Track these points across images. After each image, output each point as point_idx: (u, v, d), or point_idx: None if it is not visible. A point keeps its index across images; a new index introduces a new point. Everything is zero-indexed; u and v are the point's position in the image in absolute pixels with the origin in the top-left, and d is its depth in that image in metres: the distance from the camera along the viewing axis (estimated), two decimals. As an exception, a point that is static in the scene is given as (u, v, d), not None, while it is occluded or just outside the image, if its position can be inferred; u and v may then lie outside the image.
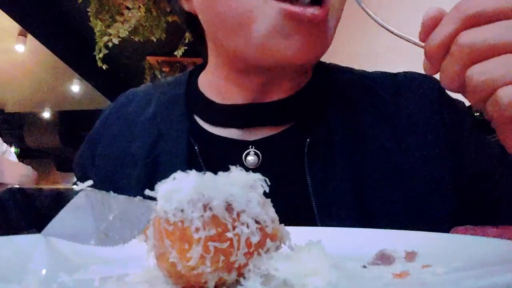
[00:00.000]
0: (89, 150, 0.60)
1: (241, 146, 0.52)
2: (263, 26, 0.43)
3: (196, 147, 0.52)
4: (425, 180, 0.50)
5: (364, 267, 0.31)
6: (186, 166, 0.51)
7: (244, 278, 0.24)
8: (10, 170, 0.39)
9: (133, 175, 0.53)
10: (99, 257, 0.35)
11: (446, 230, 0.44)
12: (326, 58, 0.58)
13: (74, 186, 0.29)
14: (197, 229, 0.23)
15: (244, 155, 0.52)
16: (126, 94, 0.64)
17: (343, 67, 0.62)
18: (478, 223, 0.41)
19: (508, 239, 0.30)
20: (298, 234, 0.28)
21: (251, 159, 0.52)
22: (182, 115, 0.55)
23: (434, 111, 0.53)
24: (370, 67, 0.66)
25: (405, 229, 0.45)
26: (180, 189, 0.24)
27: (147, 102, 0.59)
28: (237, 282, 0.24)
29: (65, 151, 7.92)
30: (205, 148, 0.52)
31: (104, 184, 0.55)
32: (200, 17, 0.50)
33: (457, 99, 0.55)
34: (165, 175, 0.55)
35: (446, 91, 0.50)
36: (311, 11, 0.41)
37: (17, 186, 0.33)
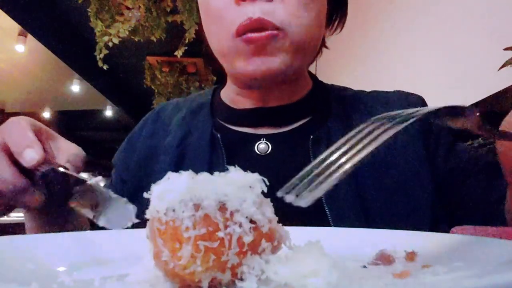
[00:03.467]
0: (130, 144, 0.72)
1: (254, 138, 0.64)
2: (234, 54, 0.57)
3: (218, 135, 0.63)
4: (407, 173, 0.58)
5: (364, 267, 0.31)
6: (209, 150, 0.62)
7: (241, 279, 0.24)
8: (64, 148, 0.43)
9: (166, 160, 0.64)
10: (99, 257, 0.35)
11: (446, 229, 0.44)
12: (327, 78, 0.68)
13: (89, 181, 0.33)
14: (187, 228, 0.23)
15: (256, 144, 0.63)
16: (161, 104, 0.79)
17: (342, 86, 0.74)
18: (453, 226, 0.41)
19: (508, 239, 0.30)
20: (297, 234, 0.28)
21: (262, 147, 0.62)
22: (207, 117, 0.68)
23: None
24: (369, 87, 0.74)
25: (394, 219, 0.53)
26: (173, 189, 0.24)
27: (178, 109, 0.73)
28: (234, 282, 0.24)
29: (65, 151, 7.89)
30: (225, 137, 0.63)
31: (143, 167, 0.67)
32: None
33: None
34: (192, 160, 0.62)
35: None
36: (254, 35, 0.53)
37: (61, 170, 0.37)
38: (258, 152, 0.62)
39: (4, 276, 0.27)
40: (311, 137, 0.60)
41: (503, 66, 1.23)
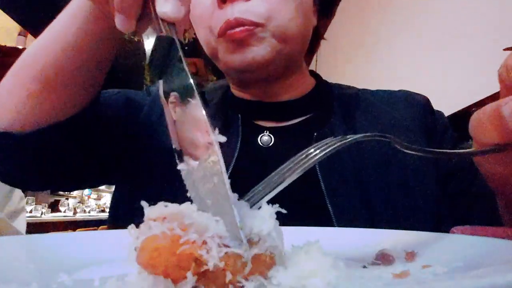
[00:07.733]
0: (136, 105, 0.71)
1: (258, 129, 0.64)
2: (221, 52, 0.58)
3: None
4: (411, 171, 0.58)
5: (364, 267, 0.31)
6: None
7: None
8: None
9: (169, 143, 0.64)
10: (99, 257, 0.35)
11: (446, 229, 0.44)
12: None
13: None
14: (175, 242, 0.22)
15: (259, 136, 0.63)
16: None
17: (346, 85, 0.74)
18: (457, 222, 0.41)
19: (509, 239, 0.30)
20: (297, 234, 0.28)
21: (265, 139, 0.63)
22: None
23: (420, 118, 0.64)
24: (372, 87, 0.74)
25: (398, 218, 0.53)
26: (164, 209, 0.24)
27: None
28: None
29: (65, 151, 7.88)
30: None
31: (146, 136, 0.66)
32: None
33: (438, 110, 0.67)
34: None
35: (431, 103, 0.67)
36: (232, 31, 0.54)
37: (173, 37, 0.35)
38: (261, 144, 0.63)
39: (4, 276, 0.27)
40: (315, 134, 0.60)
41: (503, 66, 1.23)
